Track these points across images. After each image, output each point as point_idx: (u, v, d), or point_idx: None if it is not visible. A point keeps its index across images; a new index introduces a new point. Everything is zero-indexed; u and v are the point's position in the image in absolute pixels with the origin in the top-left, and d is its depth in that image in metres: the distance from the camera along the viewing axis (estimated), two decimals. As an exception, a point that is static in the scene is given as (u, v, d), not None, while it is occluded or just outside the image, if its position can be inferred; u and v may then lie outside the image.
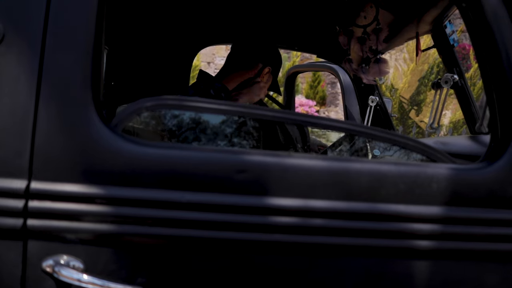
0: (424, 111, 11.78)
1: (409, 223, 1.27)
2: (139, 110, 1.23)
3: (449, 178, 1.29)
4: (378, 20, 2.46)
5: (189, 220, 1.18)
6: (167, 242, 1.19)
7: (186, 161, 1.20)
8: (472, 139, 2.12)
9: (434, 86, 2.49)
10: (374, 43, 2.58)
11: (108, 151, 1.16)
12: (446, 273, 1.31)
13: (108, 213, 1.15)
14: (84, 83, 1.18)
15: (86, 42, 1.19)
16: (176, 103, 1.29)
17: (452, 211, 1.29)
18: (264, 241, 1.22)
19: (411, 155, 1.67)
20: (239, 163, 1.21)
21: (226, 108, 1.29)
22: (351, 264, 1.26)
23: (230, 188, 1.20)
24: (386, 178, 1.27)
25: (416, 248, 1.29)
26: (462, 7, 1.44)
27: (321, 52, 3.35)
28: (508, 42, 1.37)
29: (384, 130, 1.38)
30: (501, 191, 1.32)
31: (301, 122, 1.39)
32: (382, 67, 2.71)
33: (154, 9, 2.85)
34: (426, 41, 4.09)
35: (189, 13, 2.91)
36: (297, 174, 1.23)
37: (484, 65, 1.41)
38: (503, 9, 1.37)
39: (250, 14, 2.92)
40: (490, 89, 1.40)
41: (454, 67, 2.44)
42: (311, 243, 1.24)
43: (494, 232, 1.33)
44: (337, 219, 1.24)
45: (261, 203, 1.21)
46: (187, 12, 2.89)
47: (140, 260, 1.18)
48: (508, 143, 1.34)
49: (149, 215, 1.17)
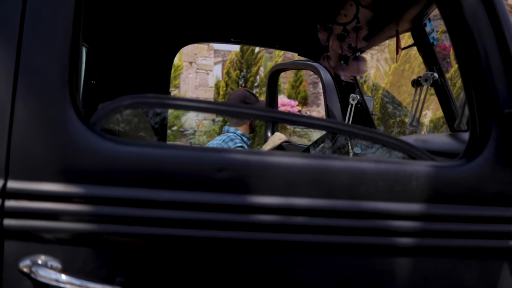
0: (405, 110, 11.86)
1: (389, 220, 1.28)
2: (117, 108, 1.22)
3: (428, 175, 1.30)
4: (358, 18, 2.47)
5: (168, 219, 1.17)
6: (146, 241, 1.18)
7: (165, 160, 1.19)
8: (452, 136, 2.13)
9: (414, 84, 2.50)
10: (354, 41, 2.59)
11: (86, 150, 1.15)
12: (426, 270, 1.31)
13: (86, 212, 1.14)
14: (61, 82, 1.16)
15: (63, 40, 1.17)
16: (155, 101, 1.28)
17: (432, 208, 1.30)
18: (244, 239, 1.22)
19: (392, 152, 1.67)
20: (219, 162, 1.20)
21: (206, 106, 1.28)
22: (332, 262, 1.26)
23: (210, 187, 1.19)
24: (366, 176, 1.27)
25: (396, 245, 1.29)
26: (441, 6, 1.45)
27: (302, 50, 3.36)
28: (487, 40, 1.38)
29: (364, 128, 1.38)
30: (480, 188, 1.33)
31: (282, 120, 1.39)
32: (360, 65, 2.73)
33: (134, 6, 2.83)
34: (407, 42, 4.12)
35: (169, 10, 2.90)
36: (277, 172, 1.23)
37: (463, 63, 1.42)
38: (482, 8, 1.38)
39: (231, 12, 2.92)
40: (468, 87, 1.41)
41: (434, 65, 2.45)
42: (292, 241, 1.24)
43: (473, 228, 1.33)
44: (318, 217, 1.24)
45: (242, 202, 1.20)
46: (167, 9, 2.88)
47: (119, 259, 1.17)
48: (486, 140, 1.35)
49: (128, 214, 1.16)
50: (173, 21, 3.06)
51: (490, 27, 1.38)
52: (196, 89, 18.69)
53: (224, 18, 3.01)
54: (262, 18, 2.97)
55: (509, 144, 1.35)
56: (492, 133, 1.35)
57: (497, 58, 1.38)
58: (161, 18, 3.00)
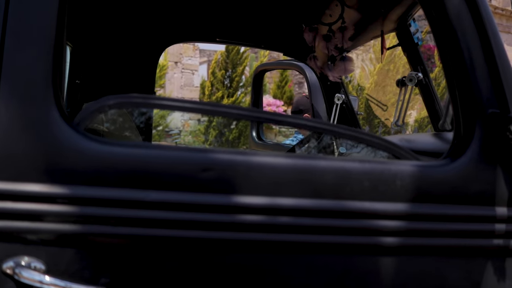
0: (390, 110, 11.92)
1: (374, 220, 1.28)
2: (102, 108, 1.21)
3: (412, 175, 1.31)
4: (343, 18, 2.48)
5: (153, 219, 1.17)
6: (131, 242, 1.18)
7: (150, 160, 1.18)
8: (436, 136, 2.14)
9: (398, 84, 2.52)
10: (340, 41, 2.59)
11: (70, 150, 1.14)
12: (411, 269, 1.32)
13: (71, 213, 1.13)
14: (45, 81, 1.15)
15: (46, 39, 1.16)
16: (140, 101, 1.28)
17: (416, 208, 1.30)
18: (230, 240, 1.21)
19: (377, 152, 1.68)
20: (205, 162, 1.20)
21: (191, 106, 1.28)
22: (317, 262, 1.27)
23: (195, 187, 1.19)
24: (351, 176, 1.27)
25: (382, 245, 1.29)
26: (425, 7, 1.46)
27: (288, 50, 3.36)
28: (470, 41, 1.39)
29: (349, 128, 1.39)
30: (464, 187, 1.34)
31: (267, 120, 1.39)
32: (347, 65, 2.74)
33: (119, 5, 2.82)
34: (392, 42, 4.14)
35: (154, 10, 2.89)
36: (262, 172, 1.23)
37: (447, 63, 1.42)
38: (466, 9, 1.39)
39: (216, 12, 2.91)
40: (452, 87, 1.41)
41: (419, 65, 2.47)
42: (278, 240, 1.24)
43: (457, 228, 1.34)
44: (303, 217, 1.24)
45: (227, 202, 1.20)
46: (152, 9, 2.87)
47: (103, 260, 1.16)
48: (470, 140, 1.36)
49: (112, 215, 1.15)
50: (158, 21, 3.05)
51: (474, 27, 1.39)
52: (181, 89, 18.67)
53: (209, 17, 3.01)
54: (248, 17, 2.97)
55: (493, 144, 1.36)
56: (476, 133, 1.36)
57: (480, 58, 1.39)
58: (146, 17, 2.99)
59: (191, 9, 2.88)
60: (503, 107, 1.37)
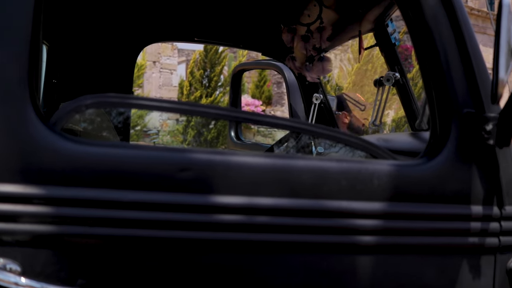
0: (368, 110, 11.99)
1: (351, 219, 1.29)
2: (78, 108, 1.20)
3: (389, 174, 1.32)
4: (321, 18, 2.49)
5: (131, 219, 1.16)
6: (108, 243, 1.17)
7: (127, 160, 1.18)
8: (413, 135, 2.16)
9: (376, 84, 2.54)
10: (318, 41, 2.60)
11: (46, 150, 1.13)
12: (388, 267, 1.33)
13: (47, 213, 1.12)
14: (20, 80, 1.14)
15: (22, 39, 1.15)
16: (117, 101, 1.27)
17: (393, 207, 1.31)
18: (208, 240, 1.21)
19: (355, 152, 1.69)
20: (182, 161, 1.20)
21: (169, 105, 1.28)
22: (295, 261, 1.27)
23: (173, 187, 1.18)
24: (329, 175, 1.28)
25: (359, 244, 1.30)
26: (402, 7, 1.47)
27: (266, 50, 3.36)
28: (446, 41, 1.40)
29: (326, 128, 1.39)
30: (440, 186, 1.35)
31: (245, 120, 1.39)
32: (325, 65, 2.75)
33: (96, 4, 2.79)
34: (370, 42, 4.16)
35: (132, 9, 2.87)
36: (240, 172, 1.23)
37: (423, 63, 1.44)
38: (442, 10, 1.41)
39: (194, 11, 2.91)
40: (429, 87, 1.43)
41: (396, 65, 2.49)
42: (255, 240, 1.24)
43: (434, 226, 1.35)
44: (281, 216, 1.24)
45: (205, 201, 1.20)
46: (130, 8, 2.85)
47: (80, 261, 1.15)
48: (446, 139, 1.37)
49: (89, 215, 1.14)
50: (136, 20, 3.03)
51: (450, 28, 1.41)
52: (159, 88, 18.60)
53: (187, 17, 3.00)
54: (226, 17, 2.97)
55: (468, 143, 1.37)
56: (451, 133, 1.37)
57: (456, 59, 1.40)
58: (124, 16, 2.98)
59: (169, 9, 2.87)
60: (478, 107, 1.39)
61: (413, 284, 1.35)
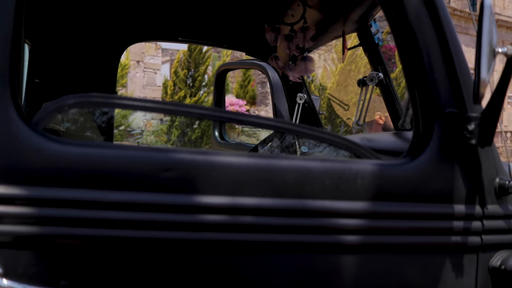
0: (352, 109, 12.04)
1: (335, 218, 1.29)
2: (61, 108, 1.19)
3: (373, 173, 1.32)
4: (305, 18, 2.49)
5: (114, 220, 1.15)
6: (91, 243, 1.16)
7: (110, 160, 1.17)
8: (397, 135, 2.17)
9: (360, 83, 2.54)
10: (301, 41, 2.60)
11: (28, 150, 1.12)
12: (371, 266, 1.33)
13: (29, 214, 1.11)
14: (2, 80, 1.13)
15: (3, 37, 1.14)
16: (100, 101, 1.26)
17: (377, 206, 1.32)
18: (192, 240, 1.21)
19: (339, 151, 1.69)
20: (165, 161, 1.19)
21: (153, 105, 1.27)
22: (279, 260, 1.27)
23: (156, 187, 1.18)
24: (312, 175, 1.28)
25: (342, 243, 1.31)
26: (385, 8, 1.48)
27: (250, 49, 3.36)
28: (429, 42, 1.41)
29: (310, 127, 1.40)
30: (423, 185, 1.36)
31: (229, 120, 1.39)
32: (308, 65, 2.75)
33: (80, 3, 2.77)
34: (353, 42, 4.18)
35: (116, 8, 2.85)
36: (224, 172, 1.23)
37: (406, 64, 1.44)
38: (424, 10, 1.42)
39: (178, 11, 2.90)
40: (412, 87, 1.44)
41: (379, 65, 2.49)
42: (239, 240, 1.24)
43: (417, 225, 1.36)
44: (265, 216, 1.24)
45: (189, 202, 1.20)
46: (114, 7, 2.83)
47: (63, 262, 1.14)
48: (429, 139, 1.38)
49: (72, 216, 1.13)
50: (120, 19, 3.01)
51: (433, 29, 1.42)
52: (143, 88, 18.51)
53: (171, 16, 2.99)
54: (210, 17, 2.96)
55: (451, 143, 1.38)
56: (434, 132, 1.38)
57: (439, 59, 1.41)
58: (107, 15, 2.96)
59: (153, 8, 2.86)
60: (461, 107, 1.40)
61: (396, 282, 1.36)
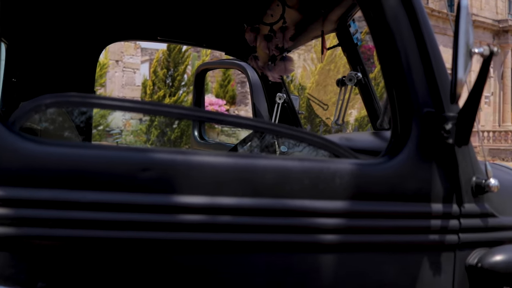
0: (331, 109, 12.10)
1: (313, 217, 1.30)
2: (38, 107, 1.18)
3: (351, 173, 1.33)
4: (284, 18, 2.49)
5: (92, 220, 1.15)
6: (69, 244, 1.15)
7: (88, 160, 1.16)
8: (375, 135, 2.18)
9: (339, 83, 2.55)
10: (280, 41, 2.61)
11: (4, 150, 1.11)
12: (351, 265, 1.34)
13: (5, 215, 1.10)
14: None
15: None
16: (78, 100, 1.25)
17: (355, 205, 1.33)
18: (170, 240, 1.20)
19: (318, 151, 1.70)
20: (143, 161, 1.19)
21: (132, 105, 1.26)
22: (258, 260, 1.27)
23: (134, 187, 1.17)
24: (291, 174, 1.28)
25: (321, 242, 1.31)
26: (364, 8, 1.48)
27: (229, 49, 3.36)
28: (407, 42, 1.42)
29: (289, 127, 1.40)
30: (401, 184, 1.37)
31: (208, 119, 1.39)
32: (287, 65, 2.75)
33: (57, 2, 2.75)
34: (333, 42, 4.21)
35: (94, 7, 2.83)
36: (202, 172, 1.22)
37: (384, 64, 1.45)
38: (402, 11, 1.43)
39: (157, 10, 2.88)
40: (390, 87, 1.44)
41: (358, 65, 2.51)
42: (218, 240, 1.24)
43: (395, 224, 1.37)
44: (244, 216, 1.24)
45: (167, 201, 1.19)
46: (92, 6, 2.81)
47: (40, 263, 1.13)
48: (407, 138, 1.39)
49: (49, 216, 1.12)
50: (98, 18, 2.99)
51: (410, 29, 1.43)
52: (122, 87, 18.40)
53: (150, 16, 2.97)
54: (189, 16, 2.95)
55: (428, 142, 1.39)
56: (412, 132, 1.39)
57: (416, 59, 1.42)
58: (86, 14, 2.93)
59: (131, 7, 2.84)
60: (438, 106, 1.41)
61: (374, 281, 1.37)
